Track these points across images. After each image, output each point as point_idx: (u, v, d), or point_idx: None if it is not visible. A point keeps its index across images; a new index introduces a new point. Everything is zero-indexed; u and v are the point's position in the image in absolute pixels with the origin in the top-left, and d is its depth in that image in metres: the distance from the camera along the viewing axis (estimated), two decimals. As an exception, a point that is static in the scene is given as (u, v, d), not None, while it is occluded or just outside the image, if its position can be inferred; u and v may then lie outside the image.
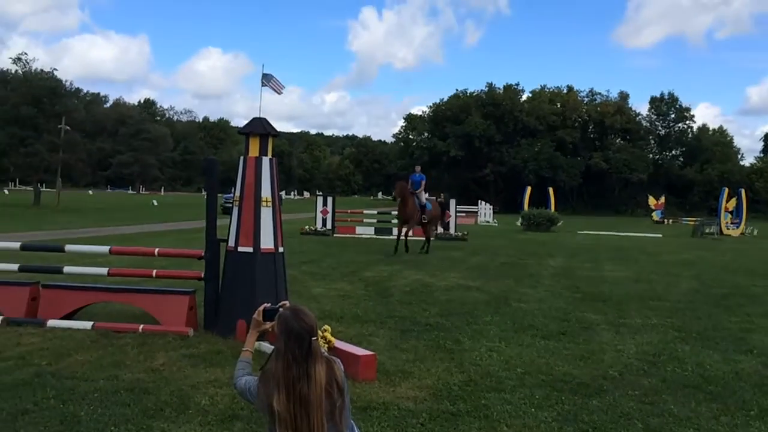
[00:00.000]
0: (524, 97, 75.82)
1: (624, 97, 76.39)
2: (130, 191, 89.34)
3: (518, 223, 31.53)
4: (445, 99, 78.75)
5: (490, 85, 76.50)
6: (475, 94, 76.65)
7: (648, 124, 76.30)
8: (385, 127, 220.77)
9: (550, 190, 42.34)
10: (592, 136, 75.41)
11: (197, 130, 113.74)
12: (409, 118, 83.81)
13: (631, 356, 6.44)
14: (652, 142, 77.09)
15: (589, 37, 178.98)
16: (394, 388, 5.13)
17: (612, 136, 74.77)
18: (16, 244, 8.02)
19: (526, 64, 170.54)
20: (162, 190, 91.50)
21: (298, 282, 10.22)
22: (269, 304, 3.07)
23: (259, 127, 6.92)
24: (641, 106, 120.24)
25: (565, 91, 77.38)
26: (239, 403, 4.57)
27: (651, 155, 75.36)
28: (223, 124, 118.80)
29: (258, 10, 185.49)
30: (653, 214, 47.55)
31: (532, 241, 22.80)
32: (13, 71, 44.94)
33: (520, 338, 7.04)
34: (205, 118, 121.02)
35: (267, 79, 7.41)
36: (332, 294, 9.50)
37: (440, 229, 20.88)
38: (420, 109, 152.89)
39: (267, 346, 5.46)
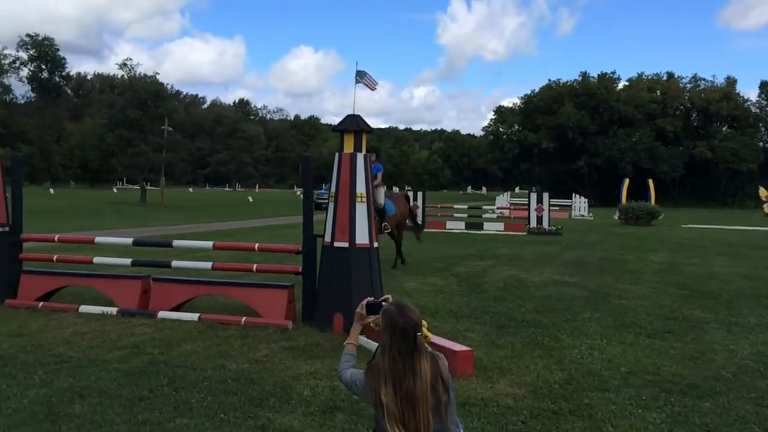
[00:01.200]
0: (620, 86, 72.93)
1: (731, 82, 71.95)
2: (227, 189, 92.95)
3: (615, 217, 30.40)
4: (537, 90, 77.00)
5: (584, 75, 74.16)
6: (568, 84, 74.46)
7: (758, 111, 71.62)
8: (474, 121, 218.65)
9: (650, 181, 40.55)
10: (695, 124, 71.64)
11: (289, 128, 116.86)
12: (499, 111, 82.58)
13: (746, 357, 6.07)
14: (763, 129, 72.31)
15: (692, 21, 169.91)
16: (492, 385, 5.07)
17: (718, 123, 70.73)
18: (129, 240, 8.52)
19: (623, 52, 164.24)
20: (257, 187, 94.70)
21: (390, 276, 10.29)
22: (372, 298, 3.10)
23: (354, 124, 7.01)
24: (750, 92, 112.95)
25: (665, 78, 73.83)
26: (340, 395, 4.66)
27: (761, 143, 70.72)
28: (313, 122, 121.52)
29: (348, 7, 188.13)
30: (764, 206, 44.58)
31: (632, 235, 21.92)
32: (119, 76, 47.75)
33: (623, 336, 6.78)
34: (296, 116, 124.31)
35: (361, 76, 7.49)
36: (425, 289, 9.51)
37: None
38: (510, 101, 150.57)
39: (364, 340, 5.54)
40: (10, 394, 4.62)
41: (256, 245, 7.88)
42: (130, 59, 47.18)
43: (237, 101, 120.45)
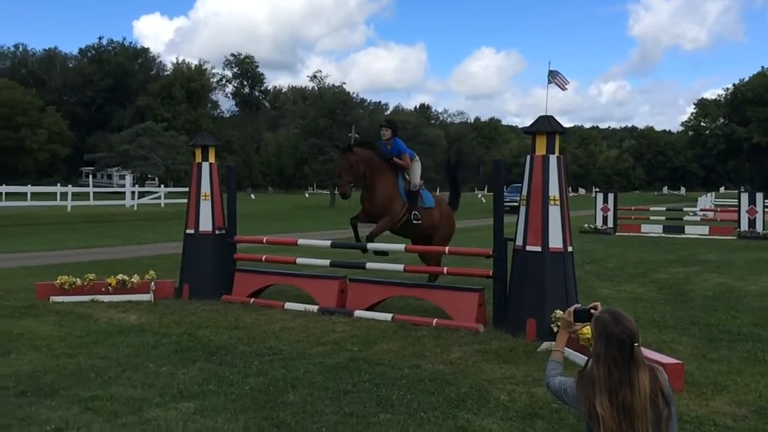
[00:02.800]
0: None
1: None
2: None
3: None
4: (746, 79, 69.81)
5: (802, 59, 65.86)
6: (783, 70, 66.76)
7: None
8: (670, 116, 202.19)
9: None
10: None
11: (469, 130, 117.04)
12: (701, 104, 76.16)
13: None
14: None
15: None
16: (706, 402, 4.67)
17: None
18: (327, 242, 9.07)
19: None
20: (437, 190, 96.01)
21: (583, 282, 9.88)
22: (580, 305, 3.02)
23: (546, 125, 6.85)
24: None
25: None
26: (539, 402, 4.57)
27: None
28: (494, 124, 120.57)
29: (532, 5, 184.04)
30: None
31: None
32: (310, 88, 51.12)
33: None
34: (476, 119, 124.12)
35: (552, 76, 7.34)
36: (622, 296, 9.01)
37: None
38: (714, 92, 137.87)
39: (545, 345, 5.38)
40: (233, 381, 5.12)
41: (447, 248, 8.00)
42: (320, 71, 50.56)
43: (418, 106, 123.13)
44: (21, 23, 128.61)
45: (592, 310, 2.87)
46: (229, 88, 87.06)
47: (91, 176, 44.25)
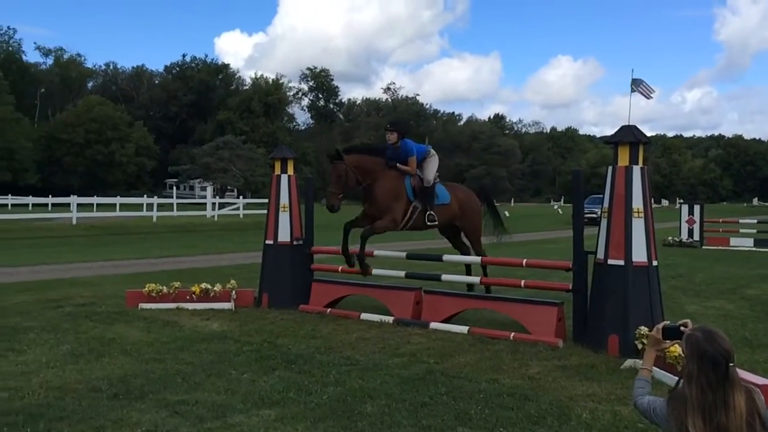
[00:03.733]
0: None
1: None
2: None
3: None
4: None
5: None
6: None
7: None
8: (761, 124, 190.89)
9: None
10: None
11: (545, 140, 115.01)
12: (792, 111, 71.85)
13: None
14: None
15: None
16: (807, 428, 4.38)
17: None
18: (403, 254, 9.10)
19: None
20: (512, 201, 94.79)
21: (668, 297, 9.47)
22: (669, 322, 2.92)
23: (629, 135, 6.66)
24: None
25: None
26: (623, 421, 4.43)
27: None
28: (570, 133, 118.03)
29: (611, 12, 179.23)
30: None
31: None
32: (384, 100, 51.63)
33: None
34: (553, 128, 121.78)
35: (636, 84, 7.11)
36: (710, 313, 8.61)
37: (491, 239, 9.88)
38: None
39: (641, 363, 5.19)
40: (312, 390, 5.21)
41: (524, 261, 7.87)
42: (394, 83, 51.43)
43: (492, 116, 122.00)
44: (112, 43, 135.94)
45: (682, 327, 2.77)
46: (305, 102, 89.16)
47: (174, 188, 46.23)
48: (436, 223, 8.24)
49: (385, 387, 5.30)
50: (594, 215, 23.88)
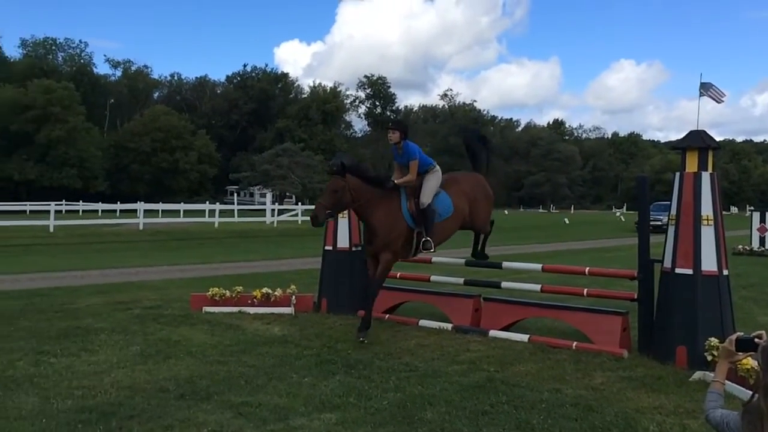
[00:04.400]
0: None
1: None
2: (541, 210, 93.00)
3: None
4: None
5: None
6: None
7: None
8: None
9: None
10: None
11: (606, 146, 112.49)
12: None
13: None
14: None
15: None
16: None
17: None
18: (461, 260, 9.05)
19: None
20: (572, 208, 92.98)
21: (739, 308, 9.08)
22: (742, 334, 2.83)
23: (698, 141, 6.45)
24: None
25: None
26: (693, 436, 4.28)
27: None
28: (633, 139, 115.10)
29: (678, 16, 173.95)
30: None
31: None
32: (440, 107, 51.58)
33: None
34: (614, 134, 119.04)
35: (705, 88, 6.88)
36: (785, 324, 8.23)
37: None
38: None
39: (711, 376, 5.01)
40: (371, 395, 5.23)
41: (587, 269, 7.72)
42: (450, 89, 51.52)
43: (551, 122, 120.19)
44: (176, 54, 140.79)
45: (756, 339, 2.69)
46: (362, 109, 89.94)
47: (235, 194, 47.36)
48: (433, 250, 7.47)
49: (444, 394, 5.28)
50: (659, 223, 23.22)
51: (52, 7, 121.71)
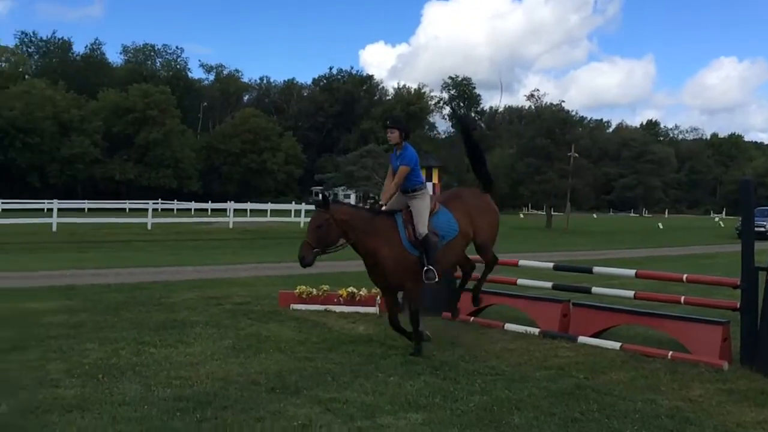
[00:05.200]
0: None
1: None
2: (633, 214, 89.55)
3: None
4: None
5: None
6: None
7: None
8: None
9: None
10: None
11: (704, 147, 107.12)
12: None
13: None
14: None
15: None
16: None
17: None
18: (550, 265, 8.86)
19: None
20: (666, 212, 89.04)
21: None
22: None
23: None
24: None
25: None
26: (803, 456, 4.01)
27: None
28: (734, 140, 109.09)
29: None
30: None
31: None
32: (527, 107, 50.64)
33: None
34: (714, 135, 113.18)
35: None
36: None
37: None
38: None
39: None
40: (457, 397, 5.21)
41: (684, 276, 7.38)
42: (537, 90, 50.12)
43: (645, 123, 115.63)
44: (266, 59, 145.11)
45: None
46: (446, 110, 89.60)
47: (320, 195, 48.17)
48: (437, 280, 6.68)
49: (532, 399, 5.18)
50: (762, 228, 21.88)
51: (151, 14, 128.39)
